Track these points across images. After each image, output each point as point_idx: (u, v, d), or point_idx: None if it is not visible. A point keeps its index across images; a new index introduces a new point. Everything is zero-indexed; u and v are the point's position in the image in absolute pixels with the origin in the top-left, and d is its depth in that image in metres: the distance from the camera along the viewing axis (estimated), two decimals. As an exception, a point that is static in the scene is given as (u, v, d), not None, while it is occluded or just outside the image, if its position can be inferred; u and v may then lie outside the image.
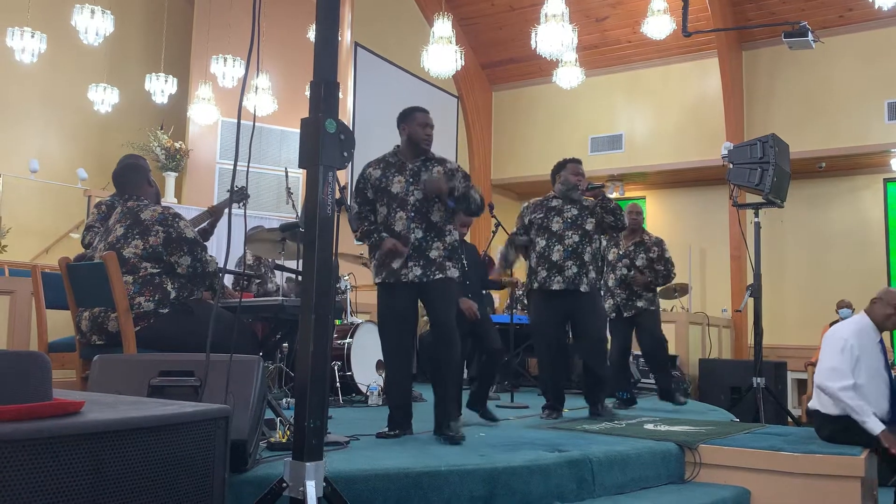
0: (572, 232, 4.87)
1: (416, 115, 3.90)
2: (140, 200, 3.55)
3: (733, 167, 5.95)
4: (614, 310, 6.09)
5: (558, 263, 4.83)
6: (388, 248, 3.67)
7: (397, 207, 3.76)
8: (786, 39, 5.94)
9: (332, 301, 2.30)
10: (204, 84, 9.76)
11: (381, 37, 10.63)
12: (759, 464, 3.64)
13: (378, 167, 3.88)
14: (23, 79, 9.58)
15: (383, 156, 3.94)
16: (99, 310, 3.39)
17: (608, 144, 11.62)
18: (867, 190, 10.63)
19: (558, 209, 4.95)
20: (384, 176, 3.84)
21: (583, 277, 4.83)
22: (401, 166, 3.85)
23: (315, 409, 2.07)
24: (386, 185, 3.81)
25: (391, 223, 3.77)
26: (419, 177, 3.80)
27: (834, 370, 3.87)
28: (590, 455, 3.28)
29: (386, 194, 3.80)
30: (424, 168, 3.84)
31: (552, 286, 4.83)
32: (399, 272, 3.71)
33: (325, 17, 2.23)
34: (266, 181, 10.17)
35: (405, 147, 3.90)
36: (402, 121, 3.93)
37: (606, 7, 10.89)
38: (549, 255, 4.86)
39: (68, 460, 1.45)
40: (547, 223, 4.92)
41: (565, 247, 4.84)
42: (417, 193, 3.77)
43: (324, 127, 2.13)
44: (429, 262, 3.73)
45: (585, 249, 4.87)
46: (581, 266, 4.83)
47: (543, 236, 4.91)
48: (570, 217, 4.91)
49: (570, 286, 4.80)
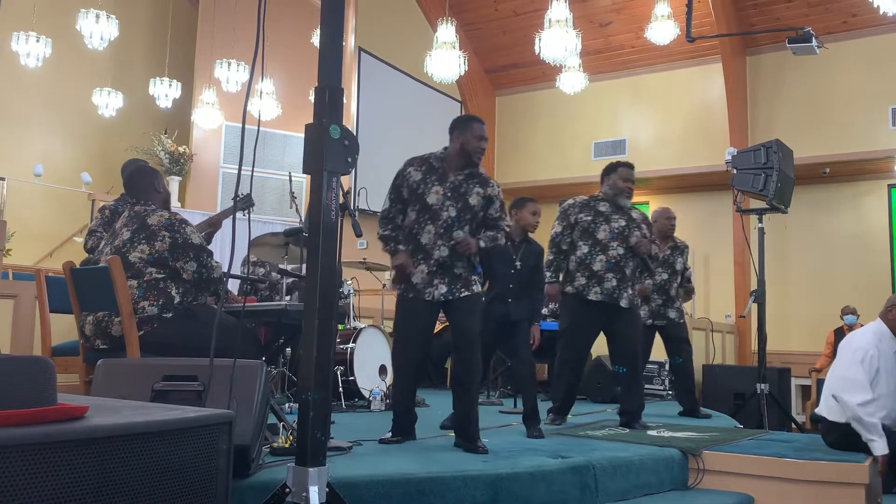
0: (617, 243, 4.62)
1: (474, 126, 3.71)
2: (147, 205, 3.54)
3: (737, 172, 5.94)
4: (648, 316, 5.87)
5: (598, 274, 4.58)
6: (398, 264, 3.58)
7: (429, 219, 3.60)
8: (790, 45, 5.94)
9: (336, 306, 2.30)
10: (208, 88, 9.79)
11: (385, 42, 10.65)
12: (762, 470, 3.63)
13: (420, 169, 3.68)
14: (28, 83, 9.62)
15: (428, 156, 3.75)
16: (103, 314, 3.39)
17: (611, 149, 11.61)
18: (871, 195, 10.61)
19: (606, 216, 4.68)
20: (424, 181, 3.65)
21: (623, 292, 4.60)
22: (442, 175, 3.66)
23: (318, 415, 2.07)
24: (423, 192, 3.63)
25: (417, 233, 3.61)
26: (458, 192, 3.64)
27: (854, 382, 3.84)
28: (593, 461, 3.27)
29: (420, 201, 3.62)
30: (466, 185, 3.67)
31: (589, 295, 4.59)
32: (423, 290, 3.58)
33: (329, 22, 2.24)
34: (270, 186, 10.19)
35: (453, 155, 3.70)
36: (458, 128, 3.73)
37: (610, 12, 10.89)
38: (591, 264, 4.60)
39: (72, 465, 1.45)
40: (593, 229, 4.64)
41: (608, 258, 4.59)
42: (452, 210, 3.60)
43: (328, 132, 2.13)
44: (454, 278, 3.61)
45: (628, 263, 4.64)
46: (622, 279, 4.60)
47: (587, 242, 4.64)
48: (617, 227, 4.66)
49: (609, 299, 4.57)
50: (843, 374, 3.92)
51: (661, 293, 5.92)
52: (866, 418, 3.76)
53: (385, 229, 3.68)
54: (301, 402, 2.12)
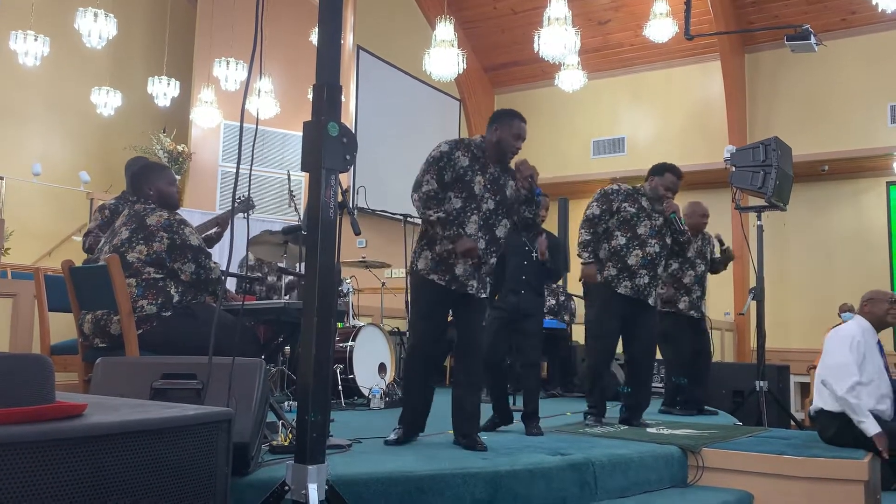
0: (655, 241, 4.57)
1: (515, 124, 3.62)
2: (148, 204, 3.53)
3: (736, 170, 5.93)
4: (690, 308, 5.82)
5: (632, 268, 4.51)
6: (468, 249, 3.36)
7: (474, 209, 3.49)
8: (788, 42, 5.94)
9: (335, 304, 2.30)
10: (206, 87, 9.79)
11: (384, 40, 10.64)
12: (762, 467, 3.63)
13: (466, 154, 3.54)
14: (26, 82, 9.61)
15: (468, 142, 3.62)
16: (102, 312, 3.39)
17: (610, 147, 11.61)
18: (870, 193, 10.62)
19: (648, 213, 4.61)
20: (471, 168, 3.52)
21: (652, 290, 4.57)
22: (483, 165, 3.57)
23: (317, 413, 2.07)
24: (470, 181, 3.51)
25: (464, 223, 3.47)
26: (497, 184, 3.58)
27: (841, 367, 3.92)
28: (592, 458, 3.27)
29: (467, 189, 3.49)
30: (502, 177, 3.62)
31: (618, 288, 4.51)
32: (466, 282, 3.49)
33: (327, 20, 2.24)
34: (268, 184, 10.19)
35: (490, 147, 3.61)
36: (498, 122, 3.63)
37: (609, 10, 10.89)
38: (625, 257, 4.52)
39: (71, 463, 1.45)
40: (635, 222, 4.56)
41: (644, 254, 4.52)
42: (491, 202, 3.54)
43: (326, 130, 2.13)
44: (482, 275, 3.57)
45: (661, 262, 4.61)
46: (653, 278, 4.56)
47: (626, 234, 4.54)
48: (657, 225, 4.61)
49: (638, 295, 4.52)
50: (832, 361, 4.00)
51: (700, 285, 5.91)
52: (851, 400, 3.83)
53: (439, 210, 3.43)
54: (300, 400, 2.12)
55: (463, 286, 3.49)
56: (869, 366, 3.96)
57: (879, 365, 4.05)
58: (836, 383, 3.91)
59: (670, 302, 5.80)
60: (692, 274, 5.87)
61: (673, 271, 5.83)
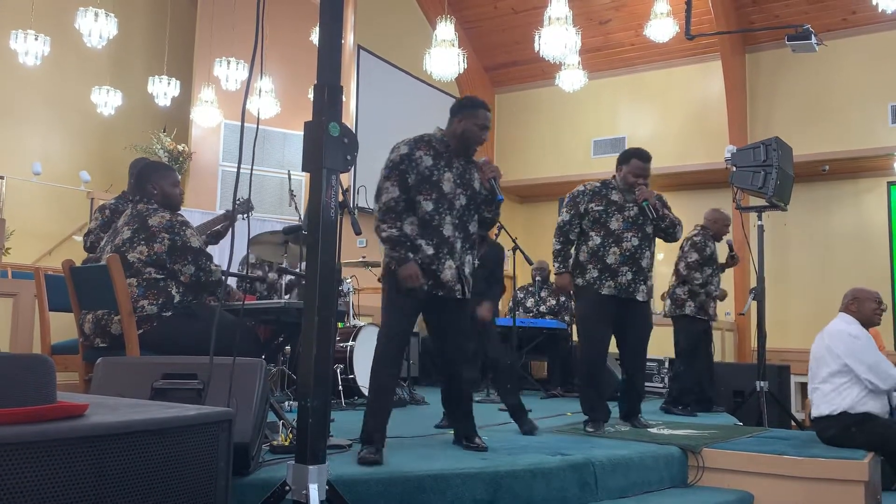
0: (632, 234, 4.37)
1: (480, 114, 3.43)
2: (150, 204, 3.53)
3: (736, 170, 5.94)
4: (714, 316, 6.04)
5: (612, 267, 4.33)
6: (409, 275, 3.17)
7: (447, 209, 3.31)
8: (789, 42, 5.94)
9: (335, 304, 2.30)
10: (207, 87, 9.79)
11: (384, 40, 10.64)
12: (762, 468, 3.63)
13: (428, 153, 3.34)
14: (26, 81, 9.61)
15: (428, 138, 3.42)
16: (102, 312, 3.39)
17: (611, 147, 11.60)
18: (871, 193, 10.61)
19: (619, 205, 4.41)
20: (436, 167, 3.33)
21: (639, 285, 4.37)
22: (449, 160, 3.38)
23: (318, 412, 2.07)
24: (438, 180, 3.30)
25: (439, 225, 3.29)
26: (465, 179, 3.39)
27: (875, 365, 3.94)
28: (592, 459, 3.28)
29: (436, 189, 3.29)
30: (469, 170, 3.44)
31: (602, 290, 4.34)
32: (452, 287, 3.32)
33: (328, 20, 2.24)
34: (269, 184, 10.19)
35: (453, 140, 3.43)
36: (462, 112, 3.43)
37: (609, 10, 10.88)
38: (604, 257, 4.35)
39: (72, 463, 1.45)
40: (605, 219, 4.38)
41: (622, 250, 4.34)
42: (463, 198, 3.36)
43: (327, 130, 2.13)
44: (466, 276, 3.41)
45: (644, 254, 4.39)
46: (637, 272, 4.36)
47: (599, 233, 4.38)
48: (630, 217, 4.40)
49: (623, 294, 4.34)
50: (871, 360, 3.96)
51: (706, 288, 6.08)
52: None
53: (392, 226, 3.24)
54: (300, 400, 2.12)
55: (451, 291, 3.33)
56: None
57: None
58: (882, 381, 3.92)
59: (703, 309, 5.97)
60: (717, 280, 6.11)
61: (707, 277, 5.99)
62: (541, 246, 10.51)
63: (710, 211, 6.29)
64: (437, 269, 3.28)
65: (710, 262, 6.02)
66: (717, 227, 6.13)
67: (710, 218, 6.19)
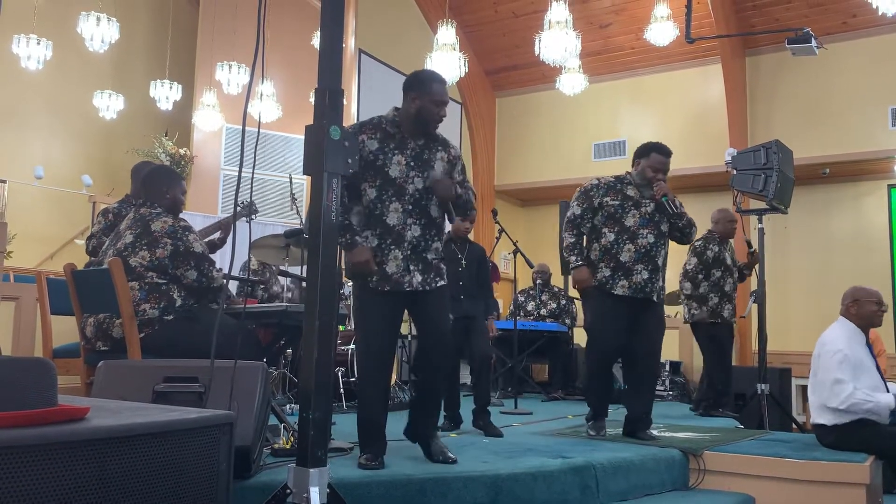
0: (648, 231, 4.14)
1: (434, 88, 3.16)
2: (153, 208, 3.54)
3: (737, 173, 5.94)
4: (732, 316, 6.07)
5: (626, 265, 4.10)
6: (361, 262, 2.99)
7: (393, 196, 3.07)
8: (789, 46, 5.94)
9: (336, 307, 2.30)
10: (208, 91, 9.80)
11: (385, 43, 10.66)
12: (763, 471, 3.63)
13: (374, 136, 3.11)
14: (28, 86, 9.62)
15: (378, 120, 3.19)
16: (104, 316, 3.40)
17: (611, 151, 11.61)
18: (871, 196, 10.61)
19: (636, 201, 4.19)
20: (381, 150, 3.09)
21: (654, 285, 4.14)
22: (401, 142, 3.14)
23: (319, 415, 2.07)
24: (383, 164, 3.07)
25: (382, 214, 3.06)
26: (421, 160, 3.14)
27: (837, 382, 3.89)
28: (594, 462, 3.28)
29: (381, 175, 3.06)
30: (428, 150, 3.18)
31: (615, 289, 4.11)
32: (399, 280, 3.07)
33: (329, 24, 2.24)
34: (270, 187, 10.20)
35: (407, 120, 3.17)
36: (414, 89, 3.18)
37: (610, 14, 10.89)
38: (617, 254, 4.12)
39: (73, 466, 1.46)
40: (621, 215, 4.15)
41: (637, 247, 4.11)
42: (418, 181, 3.10)
43: (328, 134, 2.14)
44: (427, 266, 3.15)
45: (659, 252, 4.18)
46: (653, 271, 4.14)
47: (613, 229, 4.15)
48: (647, 213, 4.17)
49: (638, 293, 4.11)
50: (827, 379, 3.96)
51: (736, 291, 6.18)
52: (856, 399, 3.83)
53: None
54: (302, 403, 2.12)
55: (398, 284, 3.07)
56: (860, 372, 3.95)
57: (871, 367, 4.03)
58: (834, 401, 3.89)
59: (716, 312, 5.99)
60: (731, 281, 6.10)
61: (715, 280, 6.01)
62: (541, 249, 10.52)
63: (714, 212, 6.34)
64: (382, 261, 3.05)
65: (717, 265, 6.03)
66: (720, 228, 6.16)
67: (713, 219, 6.26)
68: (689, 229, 4.30)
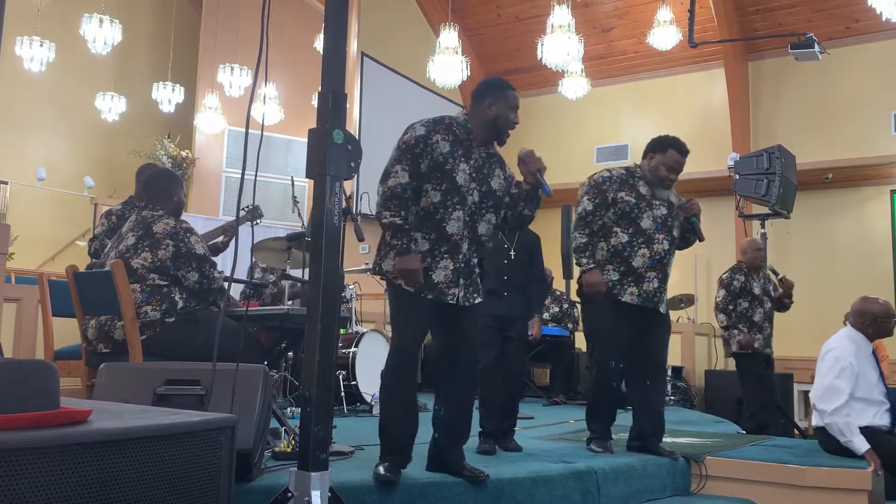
0: (662, 236, 3.77)
1: (511, 95, 3.00)
2: (155, 210, 3.54)
3: (739, 178, 5.95)
4: (765, 346, 5.90)
5: (639, 272, 3.73)
6: (410, 270, 2.79)
7: (458, 203, 2.88)
8: (792, 51, 5.95)
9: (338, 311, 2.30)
10: (211, 93, 9.82)
11: (388, 47, 10.68)
12: (765, 476, 3.62)
13: (447, 138, 2.91)
14: (31, 87, 9.65)
15: (449, 121, 2.98)
16: (105, 318, 3.40)
17: (614, 154, 11.61)
18: (874, 201, 10.60)
19: (648, 200, 3.80)
20: (452, 154, 2.90)
21: (662, 295, 3.82)
22: (468, 149, 2.95)
23: (320, 419, 2.07)
24: (452, 169, 2.88)
25: (443, 220, 2.86)
26: (482, 173, 2.96)
27: (830, 389, 3.91)
28: (595, 467, 3.27)
29: (448, 180, 2.87)
30: (489, 164, 3.00)
31: (622, 296, 3.73)
32: (446, 291, 2.87)
33: (332, 27, 2.24)
34: (272, 190, 10.21)
35: (480, 126, 2.99)
36: (491, 94, 3.00)
37: (612, 18, 10.91)
38: (629, 258, 3.73)
39: (75, 469, 1.45)
40: (636, 214, 3.76)
41: (653, 253, 3.74)
42: (476, 194, 2.93)
43: (331, 137, 2.13)
44: (471, 281, 2.96)
45: (670, 260, 3.85)
46: (662, 280, 3.80)
47: (627, 230, 3.75)
48: (660, 216, 3.81)
49: (648, 303, 3.75)
50: (822, 383, 3.97)
51: (769, 322, 6.03)
52: (840, 420, 3.82)
53: (397, 215, 2.81)
54: (303, 406, 2.12)
55: (442, 294, 2.87)
56: (863, 382, 3.94)
57: (874, 379, 4.01)
58: (823, 404, 3.90)
59: (747, 345, 5.86)
60: (761, 311, 5.98)
61: (742, 310, 5.91)
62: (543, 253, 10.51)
63: (744, 242, 6.26)
64: (430, 266, 2.87)
65: (744, 295, 5.92)
66: (748, 258, 6.05)
67: (742, 249, 6.17)
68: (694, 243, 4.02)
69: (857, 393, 3.90)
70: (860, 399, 3.91)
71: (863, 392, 3.92)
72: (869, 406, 3.93)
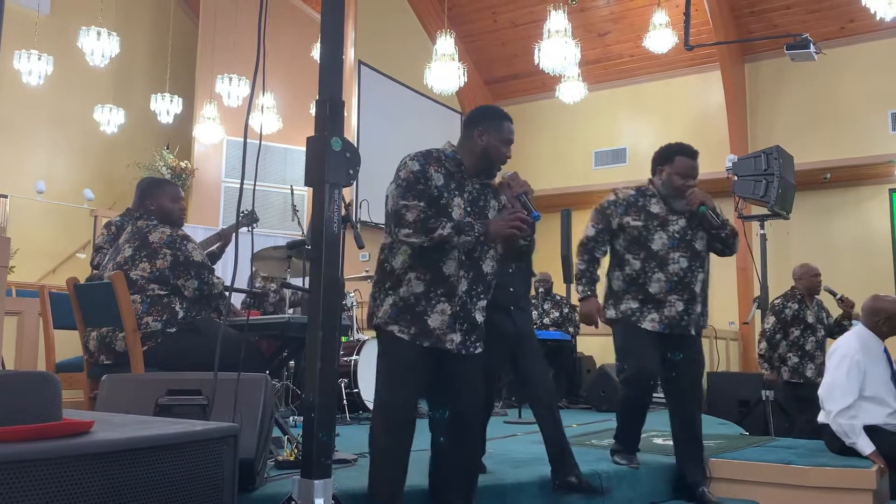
0: (679, 254, 3.50)
1: (506, 127, 2.80)
2: (150, 220, 3.55)
3: (738, 179, 5.95)
4: (817, 375, 5.59)
5: (657, 297, 3.49)
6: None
7: None
8: (788, 52, 5.95)
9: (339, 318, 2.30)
10: (209, 103, 9.84)
11: (385, 54, 10.70)
12: (769, 477, 3.62)
13: (440, 170, 2.69)
14: (30, 101, 9.66)
15: (437, 154, 2.74)
16: (107, 329, 3.40)
17: (612, 158, 11.63)
18: (873, 201, 10.61)
19: (662, 219, 3.56)
20: (447, 187, 2.68)
21: (691, 317, 3.52)
22: (460, 183, 2.73)
23: (323, 427, 2.07)
24: (447, 204, 2.65)
25: (439, 259, 2.60)
26: (477, 207, 2.73)
27: (837, 388, 3.89)
28: (600, 470, 3.27)
29: (443, 214, 2.62)
30: (483, 196, 2.78)
31: (642, 323, 3.51)
32: (443, 337, 2.60)
33: (329, 35, 2.25)
34: (271, 199, 10.21)
35: (469, 158, 2.77)
36: (484, 124, 2.77)
37: (608, 22, 10.94)
38: (645, 285, 3.51)
39: (78, 480, 1.45)
40: (646, 238, 3.53)
41: (669, 276, 3.48)
42: None
43: (329, 145, 2.14)
44: (472, 327, 2.68)
45: (696, 277, 3.52)
46: (689, 301, 3.51)
47: (638, 256, 3.53)
48: (676, 231, 3.54)
49: (674, 329, 3.50)
50: (829, 381, 3.97)
51: (822, 351, 5.84)
52: (844, 422, 3.81)
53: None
54: (305, 414, 2.12)
55: (439, 341, 2.60)
56: (872, 380, 3.91)
57: (885, 377, 3.97)
58: (830, 404, 3.89)
59: (797, 372, 5.76)
60: (813, 340, 5.85)
61: (794, 339, 5.80)
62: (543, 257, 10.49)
63: (796, 268, 6.12)
64: (425, 311, 2.59)
65: (796, 323, 5.82)
66: (803, 284, 5.94)
67: (795, 275, 6.03)
68: (733, 239, 3.63)
69: (866, 391, 3.87)
70: (869, 398, 3.88)
71: (872, 390, 3.88)
72: (880, 405, 3.89)
